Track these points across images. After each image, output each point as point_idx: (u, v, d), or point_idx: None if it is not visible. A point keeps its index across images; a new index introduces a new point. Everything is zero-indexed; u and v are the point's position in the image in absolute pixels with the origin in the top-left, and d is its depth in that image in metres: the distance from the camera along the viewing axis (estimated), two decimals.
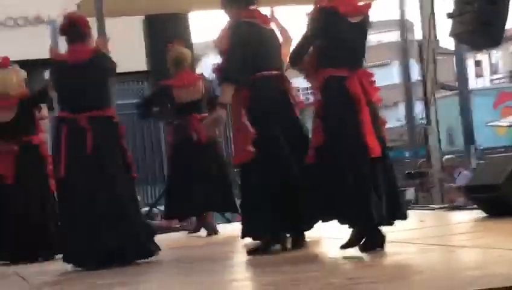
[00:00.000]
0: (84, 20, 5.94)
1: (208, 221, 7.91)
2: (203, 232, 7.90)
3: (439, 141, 10.34)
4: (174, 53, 7.81)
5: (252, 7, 5.68)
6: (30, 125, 7.14)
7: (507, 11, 9.32)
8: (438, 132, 10.30)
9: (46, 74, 13.09)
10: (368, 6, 5.31)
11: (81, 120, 5.72)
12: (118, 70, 8.28)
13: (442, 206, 8.69)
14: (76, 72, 5.79)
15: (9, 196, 6.96)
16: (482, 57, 40.39)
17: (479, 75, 40.55)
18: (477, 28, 9.16)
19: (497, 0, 9.09)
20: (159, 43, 9.31)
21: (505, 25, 9.36)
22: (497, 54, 39.72)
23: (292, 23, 6.26)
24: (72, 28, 5.86)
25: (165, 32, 9.32)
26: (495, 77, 40.04)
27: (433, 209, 8.65)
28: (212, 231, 7.76)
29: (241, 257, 5.66)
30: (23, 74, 7.30)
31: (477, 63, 40.28)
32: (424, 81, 10.46)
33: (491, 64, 40.98)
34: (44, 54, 6.61)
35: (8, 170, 6.98)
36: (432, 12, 10.19)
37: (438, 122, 10.33)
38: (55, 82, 5.96)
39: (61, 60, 5.91)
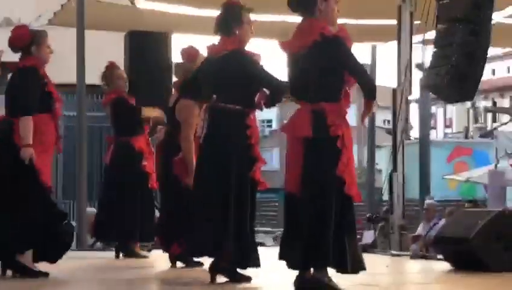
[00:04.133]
0: None
1: None
2: None
3: (403, 188, 10.41)
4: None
5: None
6: None
7: (483, 66, 9.49)
8: (403, 179, 10.38)
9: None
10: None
11: None
12: (98, 82, 8.33)
13: (405, 253, 8.76)
14: None
15: None
16: (437, 109, 40.98)
17: (432, 127, 41.13)
18: (453, 82, 9.30)
19: (475, 55, 9.26)
20: (138, 59, 9.32)
21: (479, 80, 9.54)
22: (452, 108, 40.36)
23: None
24: None
25: (145, 49, 9.32)
26: (449, 131, 40.65)
27: (394, 256, 8.70)
28: None
29: None
30: None
31: (432, 116, 40.88)
32: (394, 128, 10.53)
33: (445, 118, 41.63)
34: (11, 57, 6.53)
35: None
36: (409, 61, 10.33)
37: (404, 170, 10.40)
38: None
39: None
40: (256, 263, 5.58)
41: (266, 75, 5.62)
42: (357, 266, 5.14)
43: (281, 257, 5.21)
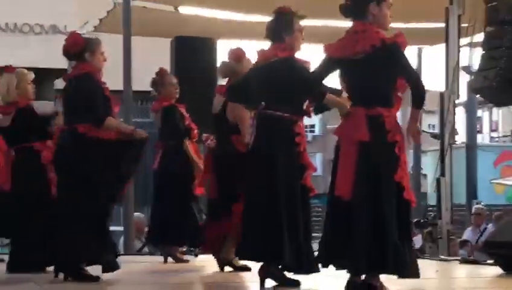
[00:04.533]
0: None
1: None
2: None
3: (451, 193, 10.30)
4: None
5: None
6: (31, 132, 6.95)
7: None
8: (451, 184, 10.27)
9: (57, 83, 13.06)
10: None
11: None
12: (144, 88, 8.35)
13: (454, 258, 8.67)
14: None
15: (5, 204, 6.83)
16: (483, 113, 40.51)
17: (478, 131, 40.59)
18: (502, 85, 9.19)
19: None
20: (185, 64, 9.36)
21: None
22: (497, 112, 39.85)
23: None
24: None
25: (192, 55, 9.37)
26: (495, 134, 40.17)
27: (443, 260, 8.62)
28: None
29: None
30: (29, 76, 7.09)
31: (478, 119, 40.35)
32: (441, 132, 10.43)
33: (491, 121, 41.13)
34: (57, 64, 6.56)
35: (4, 176, 6.84)
36: (457, 64, 10.23)
37: (452, 174, 10.30)
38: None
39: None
40: (314, 269, 5.50)
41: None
42: (414, 271, 5.09)
43: (326, 262, 5.17)
